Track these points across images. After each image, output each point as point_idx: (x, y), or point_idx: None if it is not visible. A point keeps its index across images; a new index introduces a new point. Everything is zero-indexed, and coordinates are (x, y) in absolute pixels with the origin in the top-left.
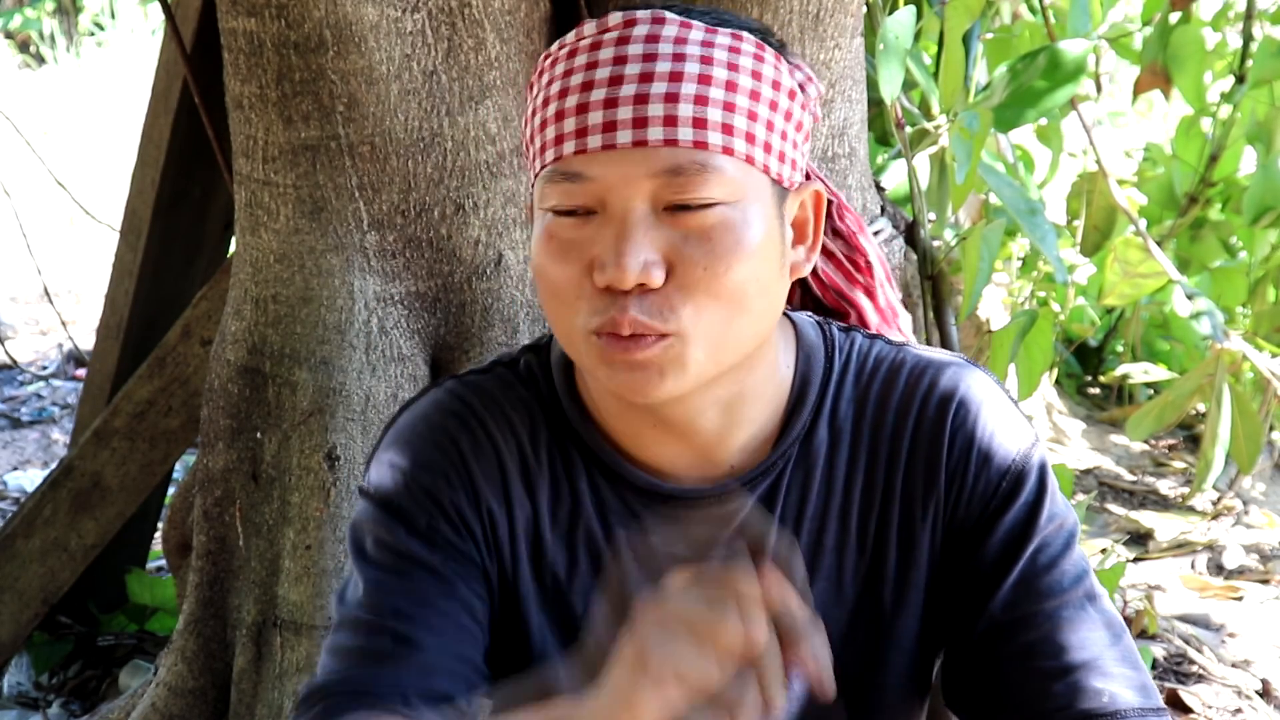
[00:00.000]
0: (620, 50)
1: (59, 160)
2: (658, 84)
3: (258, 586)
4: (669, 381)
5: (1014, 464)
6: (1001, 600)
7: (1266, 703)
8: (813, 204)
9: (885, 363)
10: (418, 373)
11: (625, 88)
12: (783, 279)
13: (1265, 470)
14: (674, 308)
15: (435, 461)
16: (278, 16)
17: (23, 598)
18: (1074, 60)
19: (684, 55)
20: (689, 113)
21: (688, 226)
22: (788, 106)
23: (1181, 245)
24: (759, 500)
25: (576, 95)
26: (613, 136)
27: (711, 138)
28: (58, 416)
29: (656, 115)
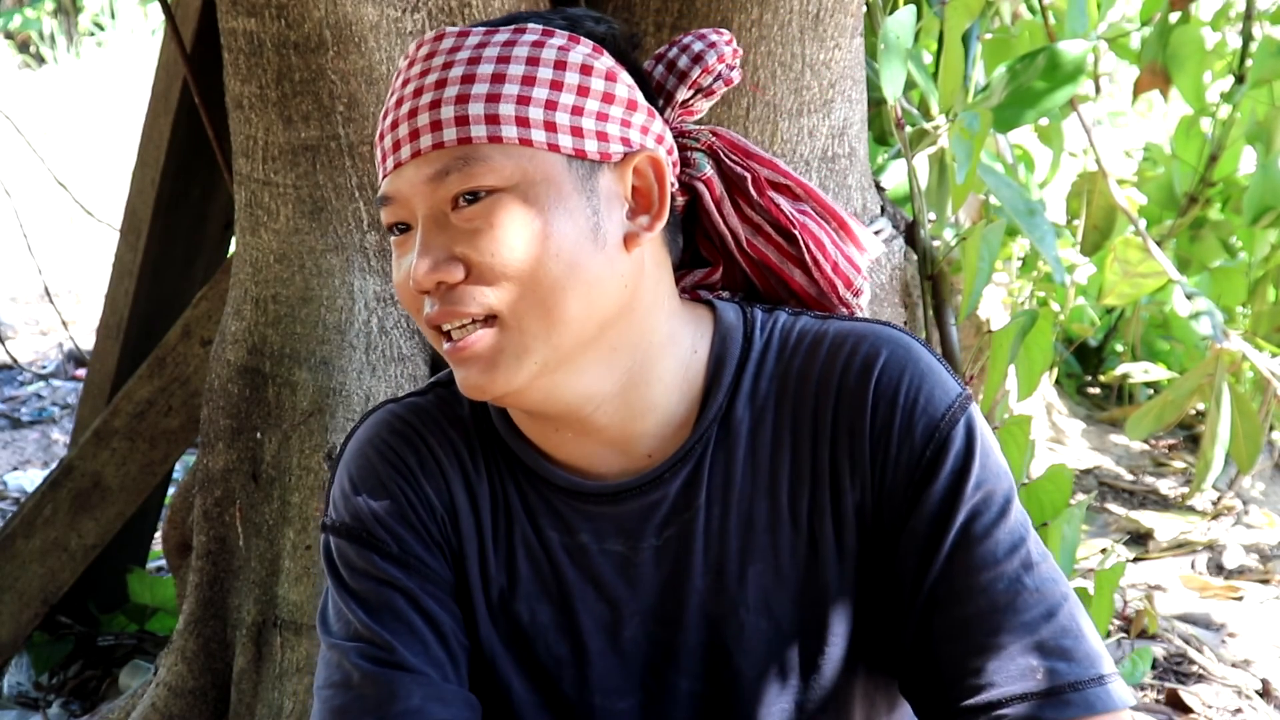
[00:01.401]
0: (407, 75)
1: (59, 160)
2: (425, 95)
3: (258, 586)
4: (501, 371)
5: (938, 429)
6: (936, 574)
7: (1266, 703)
8: (652, 170)
9: (808, 337)
10: (418, 373)
11: (404, 107)
12: (606, 250)
13: (1265, 470)
14: (476, 295)
15: (391, 481)
16: (278, 16)
17: (23, 598)
18: (1073, 61)
19: (452, 63)
20: (450, 114)
21: (472, 219)
22: (580, 82)
23: (1181, 245)
24: (682, 485)
25: (382, 126)
26: (399, 154)
27: (475, 131)
28: (58, 416)
29: (424, 124)
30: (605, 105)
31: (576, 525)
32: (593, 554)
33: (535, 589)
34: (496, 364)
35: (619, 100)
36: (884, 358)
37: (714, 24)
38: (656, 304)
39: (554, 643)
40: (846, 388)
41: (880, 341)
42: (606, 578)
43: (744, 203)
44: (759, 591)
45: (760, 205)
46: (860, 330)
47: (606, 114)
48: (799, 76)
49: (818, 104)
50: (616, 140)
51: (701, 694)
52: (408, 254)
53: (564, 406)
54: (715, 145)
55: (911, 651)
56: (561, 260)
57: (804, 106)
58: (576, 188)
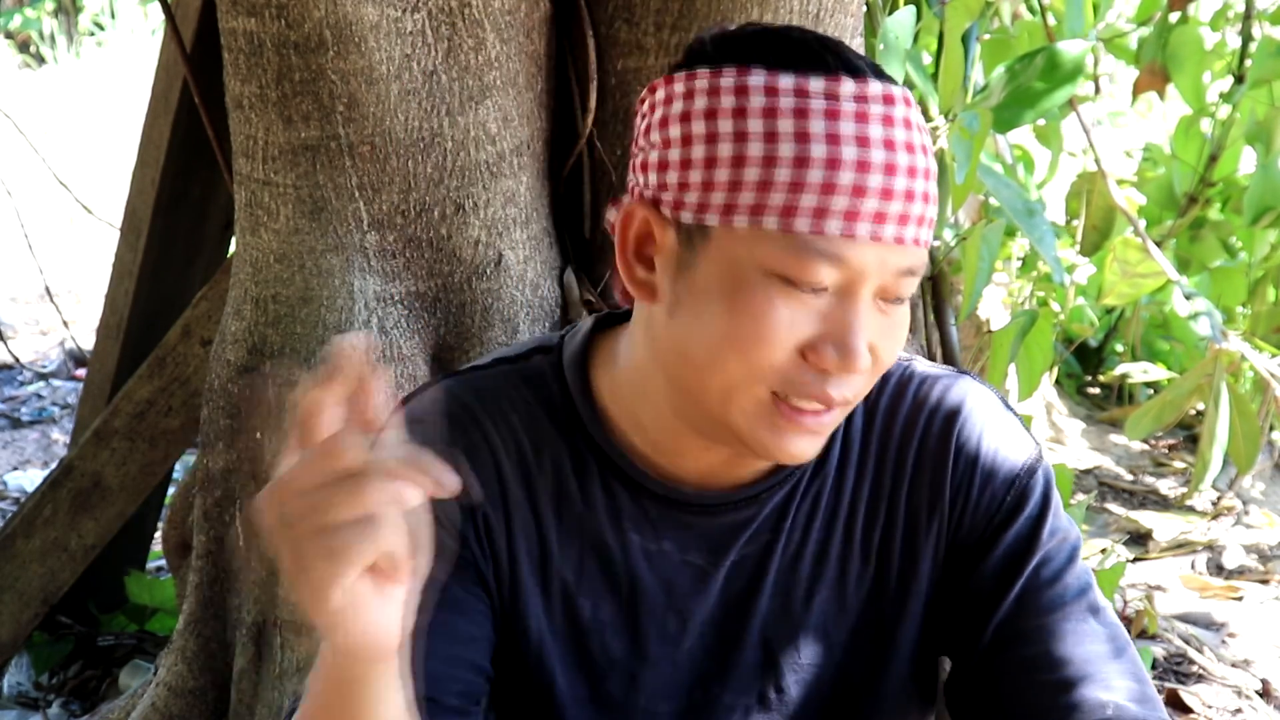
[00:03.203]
0: (888, 132)
1: (59, 160)
2: (917, 180)
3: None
4: (821, 442)
5: (1018, 478)
6: (1004, 614)
7: (1266, 703)
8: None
9: (894, 376)
10: (418, 373)
11: (897, 181)
12: None
13: (1265, 470)
14: (859, 385)
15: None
16: (278, 16)
17: (23, 598)
18: (1072, 61)
19: (912, 145)
20: (924, 212)
21: (890, 316)
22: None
23: (1181, 245)
24: (775, 508)
25: (852, 173)
26: (880, 229)
27: (926, 235)
28: (58, 416)
29: (916, 214)
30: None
31: (663, 532)
32: (673, 562)
33: (602, 586)
34: (820, 438)
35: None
36: (968, 407)
37: (714, 24)
38: None
39: (611, 641)
40: (931, 432)
41: (963, 389)
42: (681, 588)
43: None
44: (820, 618)
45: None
46: (945, 377)
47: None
48: None
49: None
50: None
51: (746, 709)
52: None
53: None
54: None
55: (974, 691)
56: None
57: None
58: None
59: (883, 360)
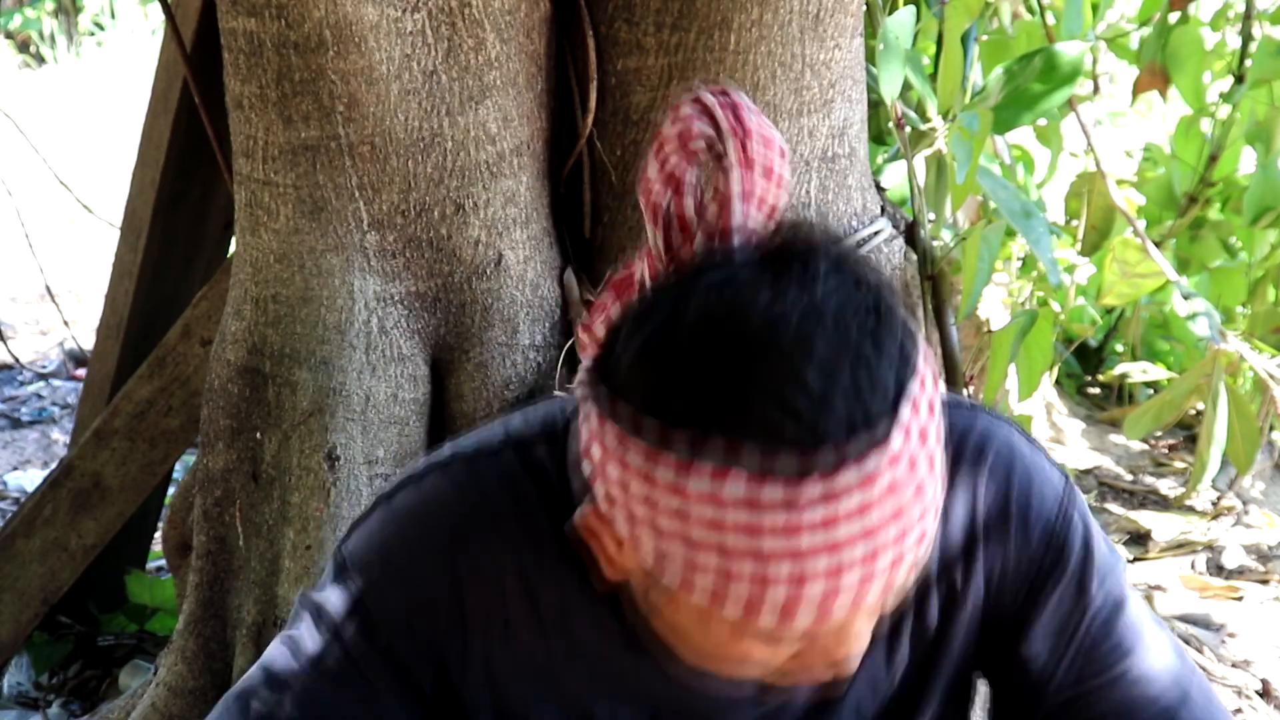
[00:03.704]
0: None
1: (59, 160)
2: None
3: (258, 586)
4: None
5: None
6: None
7: (1266, 703)
8: None
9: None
10: (418, 373)
11: (847, 577)
12: None
13: (1265, 470)
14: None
15: (423, 583)
16: (278, 16)
17: (23, 598)
18: (1070, 62)
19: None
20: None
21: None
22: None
23: (1181, 245)
24: None
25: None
26: (826, 619)
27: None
28: (58, 416)
29: (876, 592)
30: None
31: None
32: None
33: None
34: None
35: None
36: (990, 459)
37: (714, 24)
38: None
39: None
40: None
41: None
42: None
43: None
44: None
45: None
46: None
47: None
48: (799, 76)
49: (818, 104)
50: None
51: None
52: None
53: None
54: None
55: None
56: None
57: (804, 106)
58: None
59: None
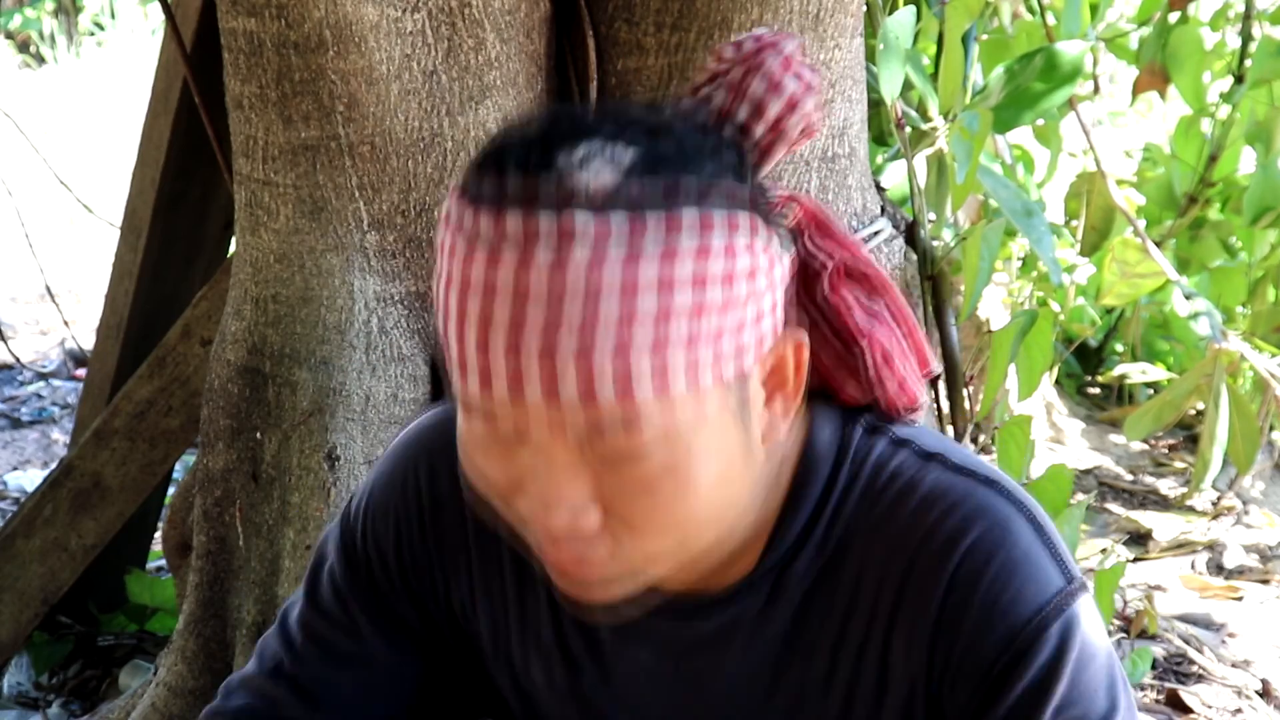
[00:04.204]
0: (522, 280)
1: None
2: (566, 335)
3: (258, 586)
4: (612, 589)
5: (1019, 636)
6: None
7: (1266, 703)
8: (793, 355)
9: (899, 482)
10: (418, 373)
11: (528, 335)
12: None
13: (1265, 470)
14: (619, 543)
15: (393, 510)
16: (278, 16)
17: (23, 598)
18: (1071, 61)
19: (599, 290)
20: (608, 368)
21: (621, 474)
22: (747, 290)
23: (1181, 245)
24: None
25: (475, 328)
26: (520, 391)
27: (639, 390)
28: (58, 416)
29: (568, 373)
30: (759, 303)
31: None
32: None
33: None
34: (610, 585)
35: (772, 285)
36: (973, 537)
37: (714, 24)
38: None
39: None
40: (921, 561)
41: (975, 515)
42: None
43: (810, 300)
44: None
45: (828, 302)
46: (958, 493)
47: (762, 313)
48: None
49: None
50: (766, 338)
51: None
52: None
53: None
54: (801, 224)
55: None
56: (714, 501)
57: None
58: (734, 412)
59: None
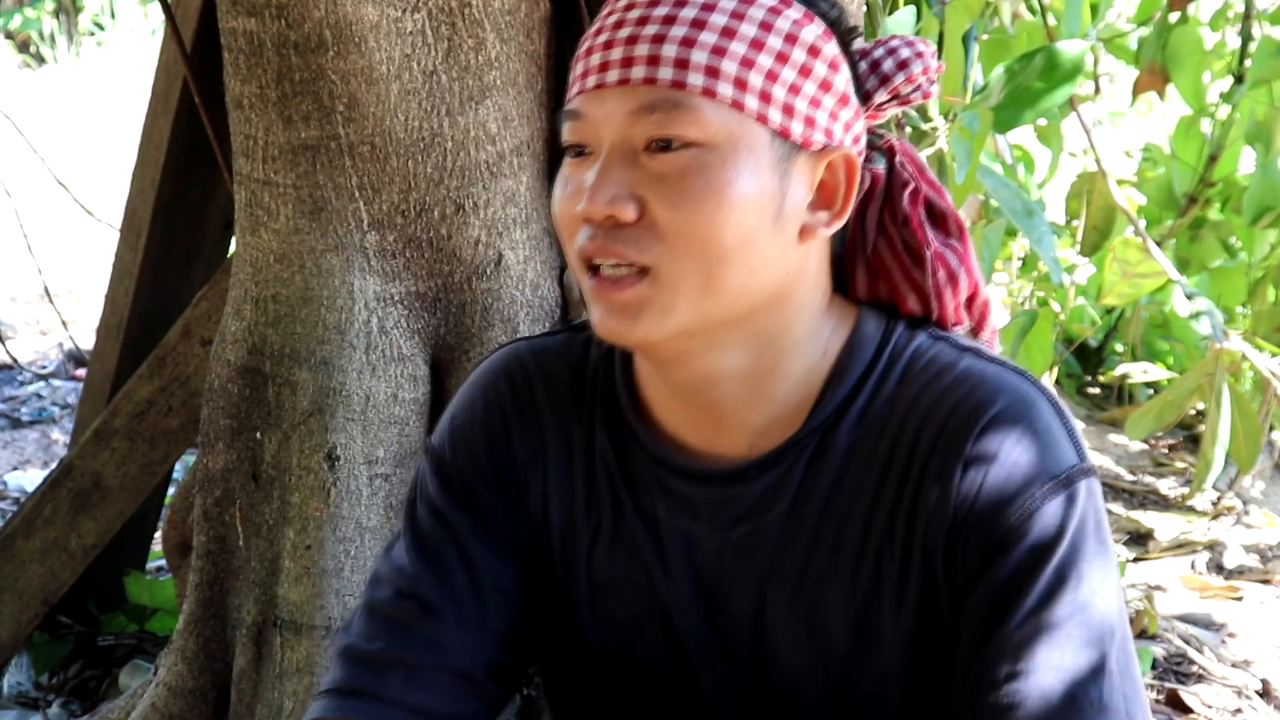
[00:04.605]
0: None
1: (59, 160)
2: (650, 26)
3: (258, 586)
4: (643, 323)
5: (1030, 497)
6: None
7: (1266, 703)
8: (844, 169)
9: (936, 366)
10: (418, 373)
11: (622, 30)
12: (781, 235)
13: (1265, 470)
14: (644, 243)
15: (477, 423)
16: (278, 16)
17: (23, 598)
18: (1071, 61)
19: (686, 1)
20: (672, 52)
21: (663, 166)
22: (805, 62)
23: (1181, 245)
24: (766, 487)
25: (589, 42)
26: (603, 76)
27: (692, 78)
28: (58, 416)
29: (641, 55)
30: (821, 92)
31: (656, 495)
32: (665, 527)
33: (616, 546)
34: (640, 315)
35: (834, 91)
36: (997, 408)
37: None
38: (809, 300)
39: (631, 601)
40: (949, 429)
41: (1001, 390)
42: (673, 554)
43: (889, 210)
44: (815, 611)
45: (904, 217)
46: (988, 373)
47: (820, 101)
48: None
49: None
50: (821, 130)
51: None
52: (579, 175)
53: (692, 374)
54: (895, 147)
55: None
56: (739, 233)
57: None
58: (773, 166)
59: (663, 212)
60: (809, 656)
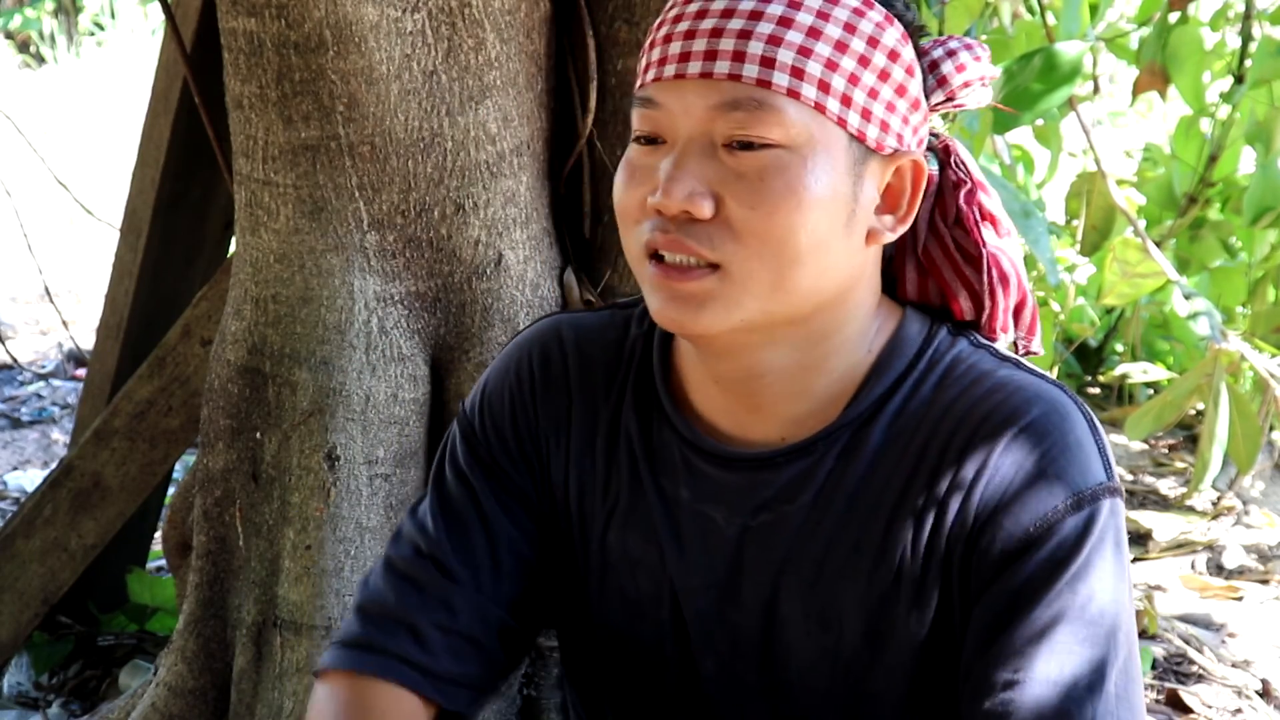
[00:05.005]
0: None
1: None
2: (735, 20)
3: (258, 586)
4: (707, 315)
5: (1054, 510)
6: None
7: (1266, 703)
8: (911, 174)
9: (974, 372)
10: (418, 373)
11: (706, 21)
12: (851, 239)
13: (1265, 470)
14: (717, 240)
15: (506, 392)
16: (278, 16)
17: (23, 598)
18: (1070, 62)
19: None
20: (759, 50)
21: (743, 164)
22: (884, 66)
23: (1181, 245)
24: (793, 477)
25: (667, 27)
26: (684, 66)
27: (777, 78)
28: (58, 416)
29: (726, 49)
30: (897, 97)
31: (680, 477)
32: (685, 511)
33: (631, 525)
34: (705, 307)
35: (909, 95)
36: (1030, 417)
37: None
38: (864, 302)
39: (642, 581)
40: (980, 435)
41: (1038, 399)
42: (690, 538)
43: (941, 210)
44: (829, 607)
45: (960, 213)
46: (1025, 383)
47: (895, 105)
48: None
49: None
50: (894, 135)
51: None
52: (650, 164)
53: (740, 366)
54: (950, 147)
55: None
56: (813, 235)
57: None
58: (848, 168)
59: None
60: (818, 651)
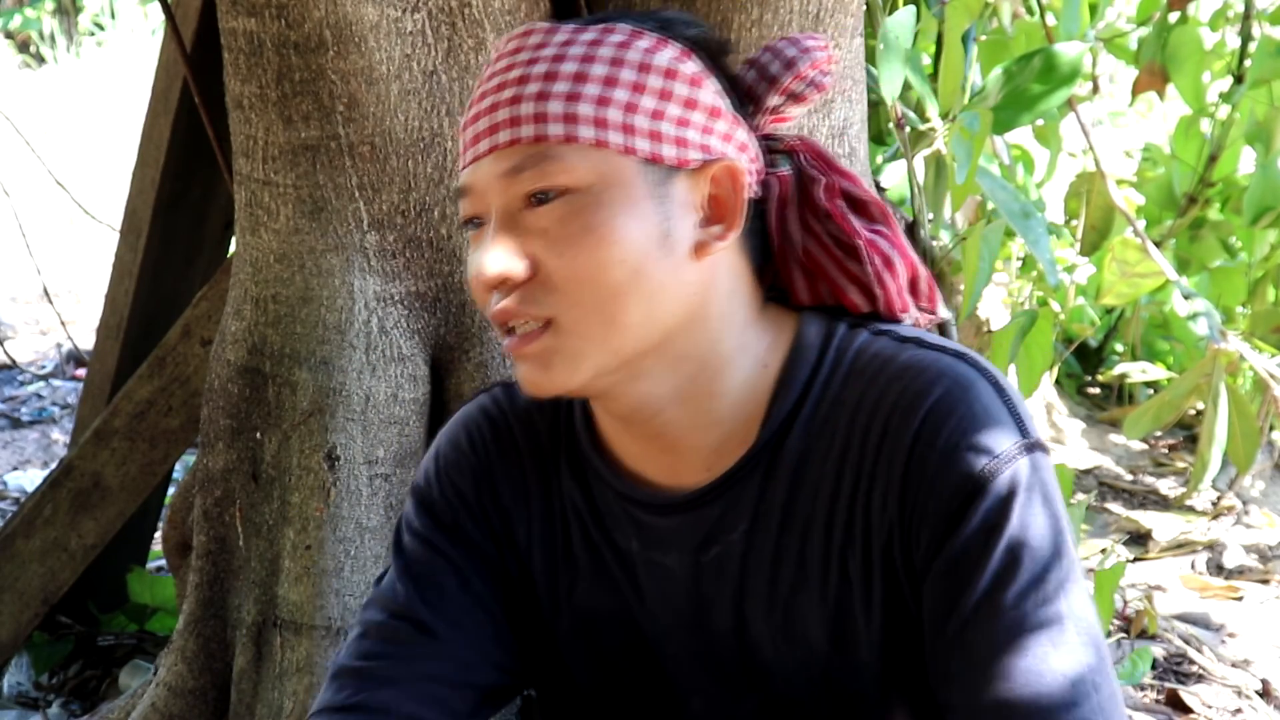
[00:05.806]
0: (493, 69)
1: (59, 160)
2: (507, 90)
3: (258, 586)
4: (556, 371)
5: (973, 478)
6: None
7: (1266, 703)
8: (729, 181)
9: (878, 361)
10: (418, 373)
11: (485, 101)
12: (673, 258)
13: (1265, 470)
14: (541, 296)
15: (463, 462)
16: (278, 16)
17: (23, 598)
18: (1069, 62)
19: (536, 59)
20: (530, 110)
21: (542, 219)
22: (664, 85)
23: (1181, 245)
24: (726, 508)
25: (466, 117)
26: (477, 148)
27: (552, 129)
28: (58, 416)
29: (503, 119)
30: (687, 111)
31: (627, 530)
32: (639, 561)
33: (595, 584)
34: (550, 365)
35: (701, 106)
36: (935, 395)
37: (714, 23)
38: (729, 314)
39: (615, 636)
40: (892, 425)
41: (939, 377)
42: (648, 586)
43: (808, 209)
44: (792, 621)
45: (825, 212)
46: (927, 361)
47: (688, 120)
48: None
49: (817, 104)
50: (695, 147)
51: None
52: (479, 248)
53: (628, 406)
54: (797, 148)
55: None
56: (626, 266)
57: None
58: (649, 193)
59: (553, 263)
60: (795, 665)
